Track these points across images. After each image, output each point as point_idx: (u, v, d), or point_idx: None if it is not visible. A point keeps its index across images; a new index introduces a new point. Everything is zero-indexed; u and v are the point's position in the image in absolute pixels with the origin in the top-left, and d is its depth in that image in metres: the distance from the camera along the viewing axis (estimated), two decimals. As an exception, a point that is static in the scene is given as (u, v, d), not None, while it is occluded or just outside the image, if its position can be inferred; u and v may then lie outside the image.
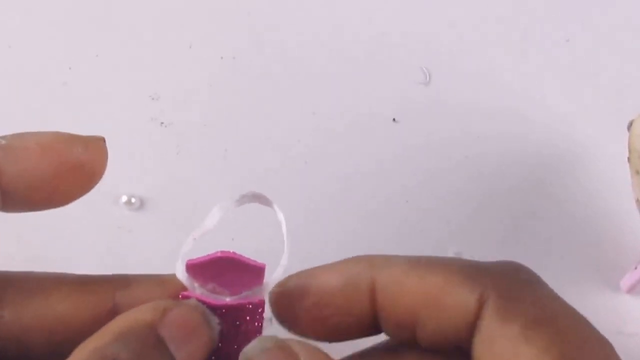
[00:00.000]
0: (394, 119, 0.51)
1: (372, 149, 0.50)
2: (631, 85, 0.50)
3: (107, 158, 0.29)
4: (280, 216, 0.29)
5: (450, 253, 0.46)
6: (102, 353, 0.25)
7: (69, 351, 0.25)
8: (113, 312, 0.28)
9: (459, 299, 0.27)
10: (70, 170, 0.28)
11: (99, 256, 0.46)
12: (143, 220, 0.47)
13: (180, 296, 0.29)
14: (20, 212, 0.29)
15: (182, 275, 0.29)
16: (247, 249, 0.42)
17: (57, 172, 0.27)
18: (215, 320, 0.28)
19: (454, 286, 0.27)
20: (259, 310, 0.29)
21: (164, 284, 0.30)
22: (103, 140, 0.29)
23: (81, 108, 0.51)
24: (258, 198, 0.30)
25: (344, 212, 0.48)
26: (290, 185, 0.49)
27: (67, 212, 0.45)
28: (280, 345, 0.26)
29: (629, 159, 0.38)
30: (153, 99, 0.51)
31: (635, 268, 0.42)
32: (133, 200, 0.47)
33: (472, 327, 0.27)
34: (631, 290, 0.43)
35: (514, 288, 0.27)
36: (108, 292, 0.29)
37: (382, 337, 0.38)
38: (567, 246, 0.45)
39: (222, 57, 0.53)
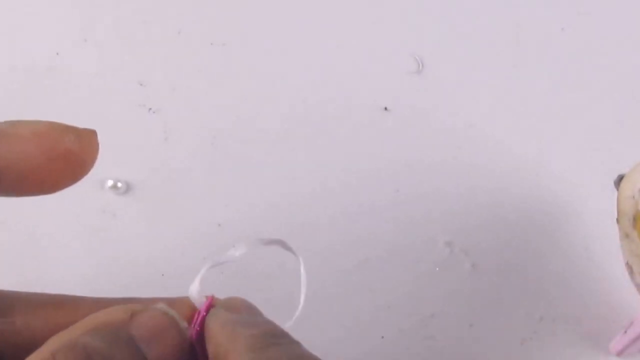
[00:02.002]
0: (385, 108, 0.50)
1: (364, 137, 0.49)
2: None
3: (98, 150, 0.29)
4: (303, 271, 0.30)
5: (440, 243, 0.45)
6: (74, 342, 0.25)
7: None
8: None
9: None
10: (61, 158, 0.28)
11: (82, 239, 0.45)
12: (128, 205, 0.46)
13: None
14: (9, 196, 0.29)
15: (195, 296, 0.29)
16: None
17: (48, 159, 0.27)
18: (184, 326, 0.28)
19: None
20: None
21: (174, 304, 0.30)
22: (95, 133, 0.29)
23: (69, 93, 0.50)
24: (285, 246, 0.30)
25: (334, 201, 0.47)
26: (279, 173, 0.48)
27: (52, 195, 0.46)
28: None
29: (617, 220, 0.37)
30: (141, 85, 0.51)
31: (625, 332, 0.42)
32: (119, 184, 0.46)
33: None
34: (620, 353, 0.42)
35: None
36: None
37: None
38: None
39: (211, 44, 0.52)
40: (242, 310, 0.29)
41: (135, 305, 0.27)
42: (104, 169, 0.47)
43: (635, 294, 0.38)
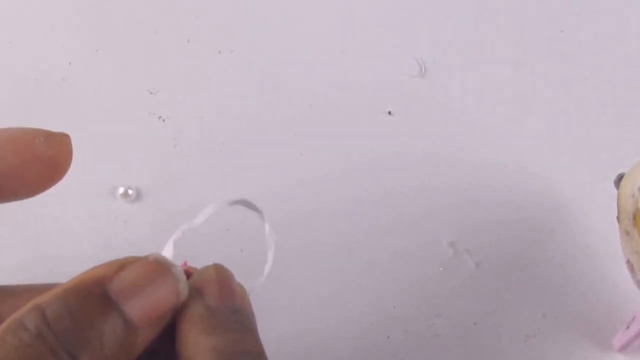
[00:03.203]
0: (389, 112, 0.51)
1: (368, 141, 0.50)
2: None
3: (71, 153, 0.29)
4: (268, 229, 0.31)
5: (444, 243, 0.46)
6: (36, 306, 0.24)
7: None
8: None
9: None
10: (33, 160, 0.28)
11: (93, 246, 0.46)
12: (139, 212, 0.47)
13: None
14: None
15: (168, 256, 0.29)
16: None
17: (20, 162, 0.28)
18: (183, 277, 0.26)
19: None
20: None
21: None
22: (67, 136, 0.29)
23: (80, 103, 0.51)
24: (250, 205, 0.31)
25: (340, 204, 0.48)
26: (286, 177, 0.49)
27: (63, 202, 0.47)
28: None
29: (618, 218, 0.37)
30: (151, 93, 0.52)
31: (627, 327, 0.42)
32: (130, 192, 0.47)
33: None
34: (623, 349, 0.43)
35: None
36: None
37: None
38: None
39: (219, 52, 0.53)
40: (213, 287, 0.28)
41: (127, 259, 0.26)
42: (115, 177, 0.48)
43: (636, 290, 0.39)
